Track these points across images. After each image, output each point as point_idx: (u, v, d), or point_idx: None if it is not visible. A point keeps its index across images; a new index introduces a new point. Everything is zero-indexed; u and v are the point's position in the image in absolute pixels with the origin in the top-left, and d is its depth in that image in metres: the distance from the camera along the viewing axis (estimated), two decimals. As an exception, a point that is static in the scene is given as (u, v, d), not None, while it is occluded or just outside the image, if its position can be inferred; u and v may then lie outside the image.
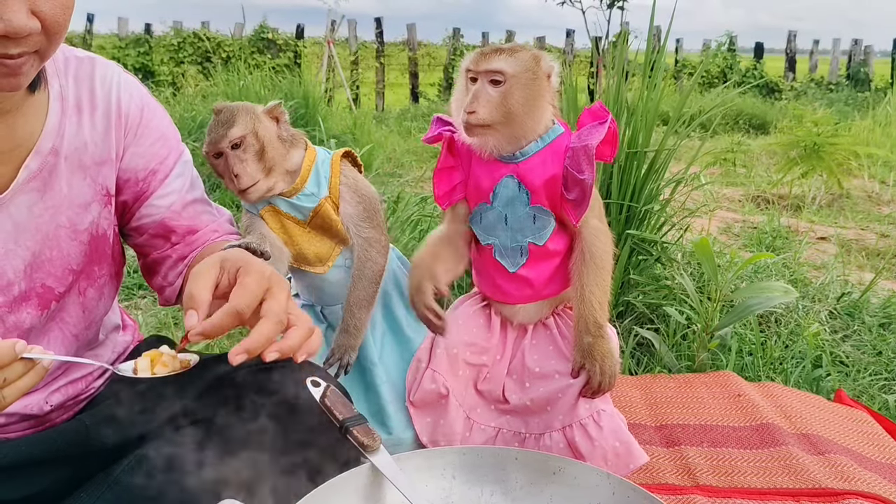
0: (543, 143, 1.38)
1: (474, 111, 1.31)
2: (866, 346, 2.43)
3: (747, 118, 8.55)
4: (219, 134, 1.34)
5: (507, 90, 1.31)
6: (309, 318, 1.02)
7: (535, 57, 1.34)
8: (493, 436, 1.46)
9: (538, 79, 1.33)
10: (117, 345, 1.31)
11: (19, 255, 1.04)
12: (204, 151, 1.37)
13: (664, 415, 1.88)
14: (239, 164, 1.33)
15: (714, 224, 3.85)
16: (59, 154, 1.06)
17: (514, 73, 1.31)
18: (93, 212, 1.11)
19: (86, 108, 1.11)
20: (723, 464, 1.65)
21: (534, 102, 1.34)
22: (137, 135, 1.17)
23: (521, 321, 1.50)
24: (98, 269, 1.16)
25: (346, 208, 1.42)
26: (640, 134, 2.46)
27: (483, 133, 1.34)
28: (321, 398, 1.08)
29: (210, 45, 10.83)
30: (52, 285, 1.08)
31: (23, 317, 1.06)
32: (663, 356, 2.22)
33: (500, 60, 1.31)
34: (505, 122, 1.33)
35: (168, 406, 1.14)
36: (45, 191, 1.05)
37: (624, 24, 10.07)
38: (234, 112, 1.36)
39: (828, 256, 3.49)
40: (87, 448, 1.07)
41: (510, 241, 1.42)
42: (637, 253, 2.50)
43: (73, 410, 1.21)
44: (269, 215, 1.43)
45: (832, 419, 1.88)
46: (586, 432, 1.37)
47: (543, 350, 1.46)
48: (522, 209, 1.40)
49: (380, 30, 11.48)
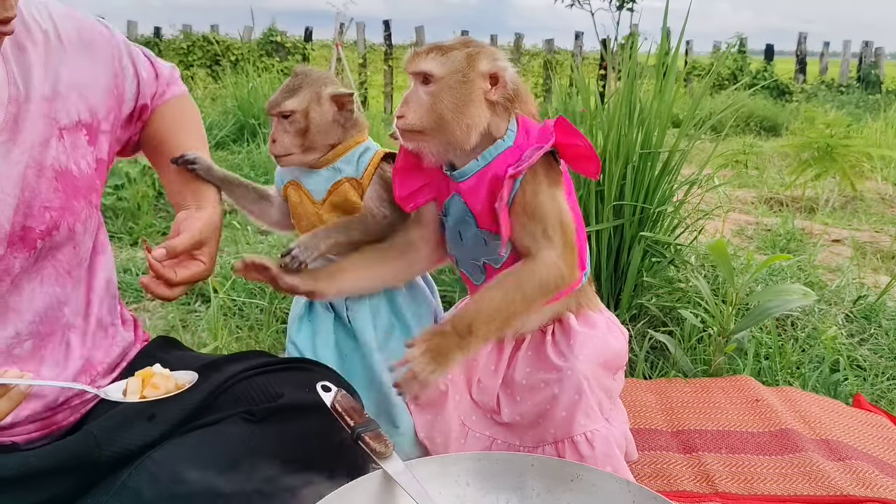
0: (484, 162, 1.26)
1: (403, 115, 1.23)
2: (884, 349, 2.39)
3: (758, 120, 8.49)
4: (276, 99, 1.39)
5: (435, 93, 1.21)
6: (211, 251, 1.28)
7: (469, 56, 1.22)
8: (488, 445, 1.41)
9: (469, 81, 1.21)
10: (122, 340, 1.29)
11: (9, 204, 1.04)
12: (266, 105, 1.43)
13: (681, 420, 1.85)
14: (280, 133, 1.38)
15: (727, 226, 3.81)
16: (18, 101, 1.06)
17: (442, 74, 1.21)
18: (52, 148, 1.10)
19: (28, 45, 1.10)
20: (742, 470, 1.62)
21: (463, 108, 1.21)
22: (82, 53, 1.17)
23: (516, 330, 1.41)
24: (77, 203, 1.14)
25: (371, 191, 1.43)
26: (652, 135, 2.43)
27: (416, 139, 1.25)
28: (332, 403, 1.06)
29: (219, 48, 10.85)
30: (31, 225, 1.07)
31: (11, 262, 1.06)
32: (678, 360, 2.19)
33: (428, 61, 1.22)
34: (437, 128, 1.22)
35: (176, 411, 1.13)
36: (16, 139, 1.05)
37: (633, 27, 10.02)
38: (301, 83, 1.39)
39: (842, 259, 3.45)
40: (96, 458, 1.05)
41: (467, 259, 1.37)
42: (650, 255, 2.47)
43: (81, 412, 1.20)
44: (291, 190, 1.47)
45: (852, 424, 1.84)
46: (577, 450, 1.31)
47: (533, 361, 1.39)
48: (471, 230, 1.31)
49: (388, 32, 11.47)
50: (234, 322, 2.51)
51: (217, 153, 4.95)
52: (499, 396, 1.40)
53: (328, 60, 9.63)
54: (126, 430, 1.10)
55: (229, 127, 5.48)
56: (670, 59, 2.54)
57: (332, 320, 1.49)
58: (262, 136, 5.32)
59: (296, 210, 1.47)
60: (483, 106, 1.23)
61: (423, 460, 1.09)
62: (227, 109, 5.78)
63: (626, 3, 10.23)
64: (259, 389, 1.17)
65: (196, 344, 2.32)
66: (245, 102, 5.69)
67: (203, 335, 2.41)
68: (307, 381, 1.15)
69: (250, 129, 5.46)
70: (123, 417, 1.11)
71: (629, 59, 2.61)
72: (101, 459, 1.05)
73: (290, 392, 1.15)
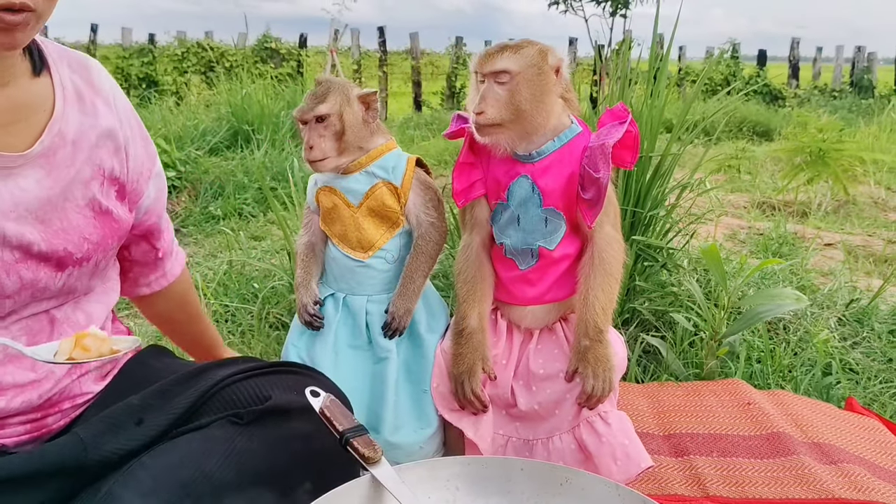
0: (560, 143, 1.37)
1: (482, 111, 1.31)
2: (876, 353, 2.39)
3: (751, 125, 8.51)
4: (308, 105, 1.43)
5: (513, 88, 1.31)
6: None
7: (540, 51, 1.33)
8: (503, 444, 1.45)
9: (543, 73, 1.32)
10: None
11: (35, 221, 1.07)
12: (293, 116, 1.47)
13: (672, 423, 1.85)
14: (316, 138, 1.41)
15: (720, 230, 3.81)
16: (66, 138, 1.11)
17: (518, 69, 1.31)
18: (93, 188, 1.15)
19: (86, 96, 1.16)
20: (733, 474, 1.61)
21: (541, 97, 1.32)
22: (132, 136, 1.25)
23: (529, 325, 1.48)
24: (111, 242, 1.19)
25: (414, 198, 1.49)
26: (644, 140, 2.44)
27: (494, 132, 1.34)
28: (320, 408, 1.06)
29: (213, 54, 10.85)
30: (71, 251, 1.11)
31: (40, 275, 1.09)
32: (670, 364, 2.19)
33: (504, 59, 1.31)
34: (514, 120, 1.32)
35: (164, 416, 1.12)
36: (51, 170, 1.09)
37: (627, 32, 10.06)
38: (328, 88, 1.43)
39: (835, 263, 3.46)
40: (84, 462, 1.05)
41: (521, 243, 1.41)
42: (643, 259, 2.48)
43: (71, 416, 1.19)
44: (324, 194, 1.50)
45: (844, 427, 1.84)
46: (594, 429, 1.35)
47: (548, 354, 1.45)
48: (534, 210, 1.39)
49: (382, 39, 11.49)
50: (226, 328, 2.50)
51: (211, 159, 4.94)
52: (513, 389, 1.44)
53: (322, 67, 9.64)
54: (113, 435, 1.09)
55: (223, 133, 5.47)
56: (661, 63, 2.55)
57: (337, 321, 1.50)
58: (255, 142, 5.32)
59: (329, 215, 1.50)
60: (555, 95, 1.35)
61: (412, 465, 1.09)
62: (220, 115, 5.76)
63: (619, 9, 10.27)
64: (247, 392, 1.16)
65: (188, 350, 2.31)
66: (239, 108, 5.68)
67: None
68: (296, 385, 1.15)
69: (244, 136, 5.45)
70: (112, 421, 1.11)
71: (622, 64, 2.62)
72: (88, 464, 1.05)
73: (279, 395, 1.14)
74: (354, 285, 1.51)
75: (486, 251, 1.48)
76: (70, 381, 1.17)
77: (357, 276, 1.50)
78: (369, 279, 1.50)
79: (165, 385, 1.20)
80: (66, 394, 1.17)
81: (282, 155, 5.04)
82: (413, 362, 1.48)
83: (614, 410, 1.38)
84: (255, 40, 11.36)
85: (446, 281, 2.47)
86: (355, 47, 11.52)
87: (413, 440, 1.41)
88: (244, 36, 11.46)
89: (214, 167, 4.72)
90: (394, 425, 1.41)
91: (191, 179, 4.51)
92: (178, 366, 1.35)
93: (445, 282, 2.47)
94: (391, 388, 1.43)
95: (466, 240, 1.49)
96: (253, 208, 4.22)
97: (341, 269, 1.51)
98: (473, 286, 1.45)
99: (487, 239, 1.48)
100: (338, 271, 1.52)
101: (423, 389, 1.45)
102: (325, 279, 1.56)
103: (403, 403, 1.45)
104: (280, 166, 4.71)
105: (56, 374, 1.14)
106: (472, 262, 1.46)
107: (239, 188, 4.45)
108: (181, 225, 4.01)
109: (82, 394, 1.20)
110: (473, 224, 1.48)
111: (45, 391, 1.13)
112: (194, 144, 5.10)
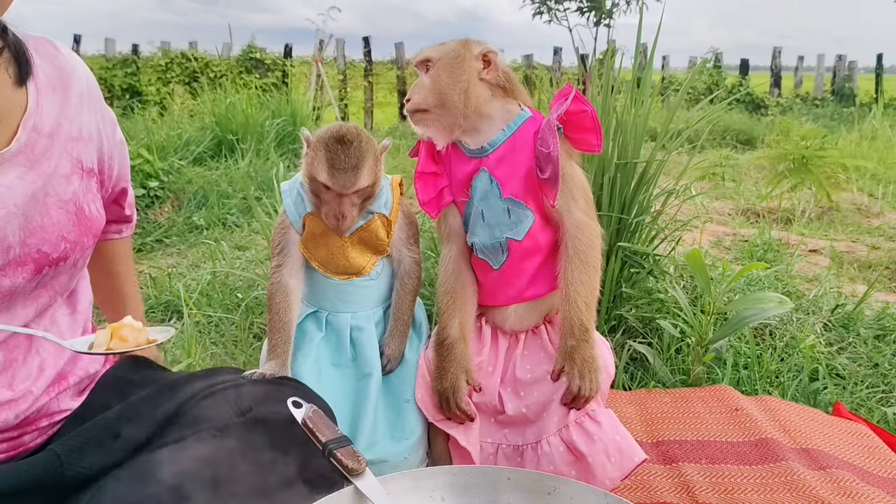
0: (510, 132, 1.39)
1: (409, 98, 1.39)
2: (862, 358, 2.39)
3: (734, 133, 8.57)
4: (349, 179, 1.32)
5: (434, 74, 1.37)
6: None
7: (463, 42, 1.40)
8: (494, 452, 1.43)
9: (463, 59, 1.37)
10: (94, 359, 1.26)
11: (16, 220, 1.04)
12: (325, 184, 1.33)
13: (660, 431, 1.84)
14: (348, 207, 1.34)
15: (705, 237, 3.82)
16: (41, 131, 1.08)
17: (438, 57, 1.38)
18: (73, 183, 1.13)
19: (59, 87, 1.14)
20: (722, 481, 1.60)
21: (461, 82, 1.36)
22: (102, 112, 1.24)
23: (513, 327, 1.47)
24: (87, 240, 1.16)
25: (398, 232, 1.46)
26: (629, 147, 2.44)
27: (422, 119, 1.40)
28: (303, 419, 1.03)
29: (198, 65, 10.80)
30: (47, 251, 1.08)
31: (18, 280, 1.06)
32: (657, 370, 2.18)
33: (427, 51, 1.40)
34: (439, 105, 1.37)
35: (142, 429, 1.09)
36: (32, 166, 1.07)
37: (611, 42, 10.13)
38: (363, 155, 1.33)
39: (820, 269, 3.47)
40: (60, 478, 1.02)
41: (489, 239, 1.41)
42: (629, 266, 2.47)
43: (48, 434, 1.16)
44: (313, 221, 1.42)
45: (832, 433, 1.83)
46: (583, 429, 1.33)
47: (535, 358, 1.43)
48: (495, 202, 1.39)
49: (368, 49, 11.49)
50: (210, 338, 2.47)
51: (194, 169, 4.90)
52: (500, 395, 1.43)
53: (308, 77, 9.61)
54: (90, 450, 1.07)
55: (206, 143, 5.43)
56: (644, 72, 2.56)
57: (320, 339, 1.46)
58: (240, 151, 5.29)
59: (315, 240, 1.43)
60: (478, 83, 1.38)
61: (397, 475, 1.06)
62: (204, 125, 5.73)
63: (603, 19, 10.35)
64: (228, 404, 1.14)
65: (170, 361, 2.27)
66: (223, 118, 5.64)
67: (177, 352, 2.36)
68: (278, 396, 1.12)
69: (228, 145, 5.42)
70: (88, 436, 1.08)
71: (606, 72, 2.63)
72: (65, 480, 1.02)
73: (260, 407, 1.12)
74: (338, 303, 1.47)
75: (464, 259, 1.47)
76: (48, 398, 1.14)
77: (340, 294, 1.46)
78: (353, 297, 1.46)
79: (143, 397, 1.17)
80: (43, 411, 1.14)
81: (266, 164, 5.01)
82: (394, 374, 1.46)
83: (601, 408, 1.37)
84: (240, 50, 11.32)
85: (432, 289, 2.45)
86: (340, 57, 11.52)
87: (397, 451, 1.38)
88: (229, 46, 11.42)
89: (198, 177, 4.68)
90: (371, 440, 1.37)
91: (174, 189, 4.46)
92: (156, 377, 1.32)
93: (432, 290, 2.45)
94: (372, 405, 1.40)
95: (444, 252, 1.48)
96: (237, 218, 4.19)
97: (323, 288, 1.47)
98: (454, 296, 1.44)
99: (464, 247, 1.47)
100: (319, 290, 1.48)
101: (406, 399, 1.43)
102: (306, 297, 1.51)
103: (384, 416, 1.42)
104: (264, 175, 4.68)
105: (34, 392, 1.11)
106: (451, 273, 1.46)
107: (223, 198, 4.41)
108: (164, 235, 3.96)
109: (60, 411, 1.17)
110: (449, 234, 1.47)
111: (22, 410, 1.10)
112: (178, 154, 5.06)
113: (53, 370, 1.17)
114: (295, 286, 1.43)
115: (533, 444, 1.38)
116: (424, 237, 2.92)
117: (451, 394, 1.37)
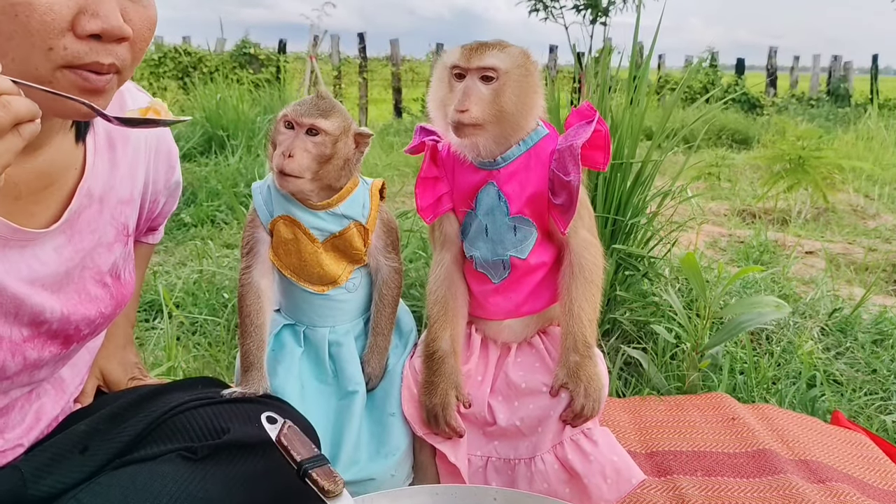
0: (526, 147, 1.31)
1: (466, 109, 1.23)
2: (860, 363, 2.35)
3: (730, 133, 8.54)
4: (308, 111, 1.27)
5: (499, 87, 1.23)
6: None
7: (524, 53, 1.29)
8: (483, 465, 1.35)
9: (530, 75, 1.27)
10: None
11: (51, 294, 0.96)
12: (283, 116, 1.29)
13: (655, 440, 1.78)
14: (300, 149, 1.26)
15: (701, 238, 3.77)
16: (93, 196, 1.01)
17: (506, 69, 1.24)
18: (115, 252, 1.06)
19: (118, 143, 1.05)
20: (718, 494, 1.55)
21: (526, 100, 1.26)
22: (157, 160, 1.16)
23: (506, 340, 1.41)
24: (117, 310, 1.09)
25: (376, 241, 1.39)
26: (624, 147, 2.38)
27: (473, 133, 1.26)
28: (277, 436, 0.97)
29: (191, 60, 10.71)
30: (82, 329, 1.02)
31: (45, 354, 0.99)
32: (652, 377, 2.12)
33: (492, 56, 1.24)
34: (496, 122, 1.25)
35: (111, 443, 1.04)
36: (73, 234, 0.98)
37: (607, 40, 10.08)
38: (334, 107, 1.30)
39: (816, 271, 3.43)
40: (22, 498, 0.98)
41: (491, 255, 1.34)
42: (623, 268, 2.42)
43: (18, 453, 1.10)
44: (283, 225, 1.34)
45: (831, 443, 1.78)
46: (579, 448, 1.27)
47: (529, 366, 1.37)
48: (502, 219, 1.32)
49: (363, 45, 11.42)
50: (194, 340, 2.41)
51: (184, 165, 4.82)
52: (490, 405, 1.36)
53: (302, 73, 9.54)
54: (56, 466, 1.02)
55: (196, 138, 5.35)
56: (641, 71, 2.50)
57: (300, 354, 1.39)
58: (230, 147, 5.21)
59: (286, 246, 1.34)
60: (540, 98, 1.29)
61: (375, 495, 1.01)
62: (195, 121, 5.64)
63: (599, 17, 10.29)
64: (203, 422, 1.08)
65: (151, 364, 2.21)
66: (213, 113, 5.56)
67: (160, 353, 2.30)
68: (257, 416, 1.06)
69: (218, 141, 5.34)
70: (55, 451, 1.03)
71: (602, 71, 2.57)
72: (28, 499, 0.97)
73: (238, 427, 1.06)
74: (315, 318, 1.39)
75: (457, 268, 1.41)
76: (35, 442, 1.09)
77: (316, 308, 1.39)
78: (330, 311, 1.39)
79: (115, 409, 1.11)
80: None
81: (257, 161, 4.93)
82: (378, 388, 1.39)
83: (597, 427, 1.31)
84: (234, 46, 11.23)
85: (422, 291, 2.39)
86: (335, 53, 11.45)
87: (384, 468, 1.31)
88: (222, 41, 11.33)
89: (187, 173, 4.61)
90: (354, 458, 1.31)
91: (162, 186, 4.39)
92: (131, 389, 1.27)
93: (421, 291, 2.40)
94: (356, 423, 1.33)
95: (437, 258, 1.41)
96: (226, 215, 4.11)
97: (297, 301, 1.40)
98: (445, 306, 1.38)
99: (459, 255, 1.41)
100: (295, 303, 1.41)
101: (391, 413, 1.36)
102: (281, 309, 1.44)
103: (369, 432, 1.35)
104: (255, 173, 4.61)
105: (24, 445, 1.06)
106: (443, 281, 1.39)
107: (212, 195, 4.34)
108: (151, 233, 3.89)
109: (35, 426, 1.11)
110: (443, 241, 1.40)
111: (7, 462, 1.04)
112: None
113: (51, 416, 1.11)
114: (266, 287, 1.35)
115: (526, 459, 1.31)
116: (415, 237, 2.87)
117: (440, 410, 1.31)
